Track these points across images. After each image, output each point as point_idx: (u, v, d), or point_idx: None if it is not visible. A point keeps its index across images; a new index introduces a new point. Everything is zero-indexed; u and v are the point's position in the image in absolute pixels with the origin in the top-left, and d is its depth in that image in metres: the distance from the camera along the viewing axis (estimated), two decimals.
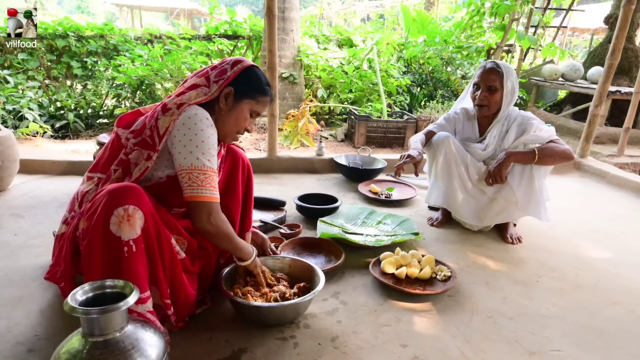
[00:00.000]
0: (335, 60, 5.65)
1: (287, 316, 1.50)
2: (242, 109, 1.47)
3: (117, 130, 1.47)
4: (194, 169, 1.32)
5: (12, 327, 1.42)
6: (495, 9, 5.31)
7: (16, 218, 2.33)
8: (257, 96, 1.49)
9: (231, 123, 1.48)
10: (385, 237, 2.20)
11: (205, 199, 1.33)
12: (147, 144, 1.37)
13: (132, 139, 1.40)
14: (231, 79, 1.43)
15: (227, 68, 1.45)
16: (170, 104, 1.38)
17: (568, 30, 11.33)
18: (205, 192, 1.33)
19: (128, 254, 1.20)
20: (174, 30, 6.41)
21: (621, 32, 3.46)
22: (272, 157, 3.45)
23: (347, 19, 14.82)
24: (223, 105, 1.45)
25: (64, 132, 4.61)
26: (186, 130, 1.33)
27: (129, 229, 1.20)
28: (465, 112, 2.45)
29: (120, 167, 1.40)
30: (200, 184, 1.32)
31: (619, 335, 1.56)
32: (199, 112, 1.36)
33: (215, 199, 1.36)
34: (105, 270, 1.20)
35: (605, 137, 5.25)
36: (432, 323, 1.57)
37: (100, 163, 1.47)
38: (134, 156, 1.39)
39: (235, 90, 1.45)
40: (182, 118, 1.34)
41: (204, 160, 1.33)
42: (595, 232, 2.53)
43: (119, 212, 1.19)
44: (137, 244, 1.22)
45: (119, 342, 0.95)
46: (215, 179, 1.36)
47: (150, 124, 1.38)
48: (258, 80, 1.49)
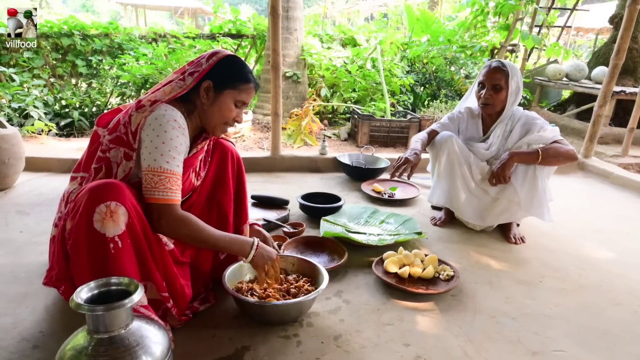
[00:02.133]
0: (338, 59, 5.65)
1: (290, 314, 1.51)
2: (225, 100, 1.44)
3: (96, 129, 1.47)
4: (150, 170, 1.30)
5: (17, 324, 1.44)
6: (499, 8, 5.29)
7: (21, 215, 2.34)
8: (238, 85, 1.45)
9: (215, 116, 1.46)
10: (388, 237, 2.20)
11: (157, 201, 1.30)
12: (122, 141, 1.36)
13: (107, 136, 1.39)
14: (207, 71, 1.40)
15: (202, 61, 1.42)
16: (144, 101, 1.37)
17: (572, 30, 11.28)
18: (156, 194, 1.30)
19: (114, 250, 1.19)
20: (178, 29, 6.43)
21: (626, 32, 3.45)
22: (276, 156, 3.45)
23: (351, 18, 14.81)
24: (205, 100, 1.43)
25: (69, 130, 4.64)
26: (150, 131, 1.31)
27: (113, 225, 1.19)
28: (469, 111, 2.45)
29: (102, 165, 1.38)
30: (154, 185, 1.29)
31: (622, 335, 1.56)
32: (167, 113, 1.34)
33: (168, 201, 1.31)
34: (92, 268, 1.19)
35: (609, 138, 5.24)
36: (434, 322, 1.58)
37: (82, 162, 1.47)
38: (112, 154, 1.38)
39: (215, 82, 1.42)
40: (150, 117, 1.32)
41: (162, 162, 1.30)
42: (599, 233, 2.52)
43: (101, 209, 1.18)
44: (123, 240, 1.21)
45: (123, 339, 0.95)
46: (173, 180, 1.32)
47: (124, 120, 1.36)
48: (237, 69, 1.45)
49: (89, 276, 1.15)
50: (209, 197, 1.68)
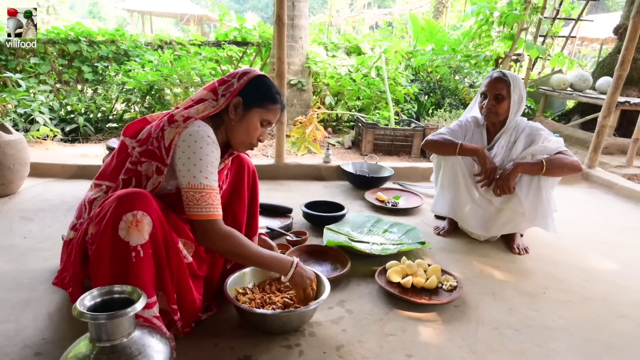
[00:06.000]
0: (343, 67, 5.68)
1: (292, 324, 1.50)
2: (252, 118, 1.48)
3: (124, 140, 1.48)
4: (191, 187, 1.32)
5: (20, 331, 1.44)
6: (504, 18, 5.32)
7: (26, 221, 2.35)
8: (266, 104, 1.49)
9: (242, 133, 1.49)
10: (392, 246, 2.20)
11: (200, 217, 1.33)
12: (154, 155, 1.38)
13: (137, 148, 1.41)
14: (239, 90, 1.44)
15: (234, 82, 1.46)
16: (177, 116, 1.39)
17: (577, 40, 11.30)
18: (199, 211, 1.33)
19: (136, 259, 1.21)
20: (184, 36, 6.48)
21: (630, 43, 3.45)
22: (280, 164, 3.46)
23: (356, 27, 14.89)
24: (233, 116, 1.47)
25: (74, 136, 4.67)
26: (186, 148, 1.33)
27: (137, 234, 1.21)
28: (475, 120, 2.44)
29: (132, 177, 1.41)
30: (196, 202, 1.32)
31: (626, 349, 1.55)
32: (201, 129, 1.36)
33: (211, 216, 1.35)
34: (112, 274, 1.21)
35: (613, 148, 5.22)
36: (437, 333, 1.57)
37: (108, 171, 1.48)
38: (144, 168, 1.40)
39: (244, 100, 1.46)
40: (185, 134, 1.34)
41: (201, 179, 1.33)
42: (603, 244, 2.50)
43: (128, 218, 1.21)
44: (145, 250, 1.23)
45: (125, 348, 0.96)
46: (214, 196, 1.36)
47: (156, 133, 1.38)
48: (266, 89, 1.50)
49: (107, 282, 1.18)
50: (225, 209, 1.68)
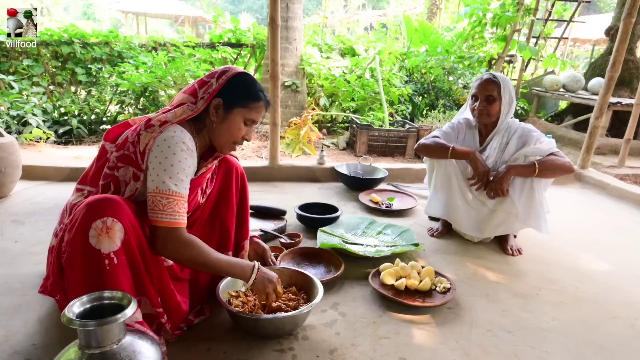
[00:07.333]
0: (337, 69, 5.68)
1: (285, 328, 1.50)
2: (235, 119, 1.43)
3: (104, 144, 1.46)
4: (159, 192, 1.28)
5: (10, 336, 1.42)
6: (496, 19, 5.35)
7: (17, 225, 2.33)
8: (248, 103, 1.43)
9: (224, 134, 1.45)
10: (385, 248, 2.20)
11: (163, 224, 1.28)
12: (130, 160, 1.35)
13: (114, 152, 1.38)
14: (217, 91, 1.40)
15: (212, 82, 1.41)
16: (154, 120, 1.35)
17: (569, 41, 11.38)
18: (163, 217, 1.28)
19: (109, 266, 1.18)
20: (179, 38, 6.46)
21: (621, 44, 3.47)
22: (274, 165, 3.45)
23: (350, 28, 14.91)
24: (214, 118, 1.42)
25: (67, 138, 4.64)
26: (159, 152, 1.29)
27: (109, 241, 1.18)
28: (467, 121, 2.45)
29: (111, 183, 1.37)
30: (162, 208, 1.28)
31: (618, 350, 1.55)
32: (176, 134, 1.32)
33: (175, 224, 1.30)
34: (86, 283, 1.17)
35: (606, 148, 5.26)
36: (431, 336, 1.57)
37: (89, 176, 1.46)
38: (121, 173, 1.36)
39: (225, 100, 1.41)
40: (159, 139, 1.31)
41: (171, 185, 1.29)
42: (596, 244, 2.52)
43: (97, 225, 1.17)
44: (119, 256, 1.19)
45: (115, 355, 0.94)
46: (181, 203, 1.31)
47: (133, 138, 1.35)
48: (247, 87, 1.44)
49: (82, 291, 1.13)
50: (212, 213, 1.67)
